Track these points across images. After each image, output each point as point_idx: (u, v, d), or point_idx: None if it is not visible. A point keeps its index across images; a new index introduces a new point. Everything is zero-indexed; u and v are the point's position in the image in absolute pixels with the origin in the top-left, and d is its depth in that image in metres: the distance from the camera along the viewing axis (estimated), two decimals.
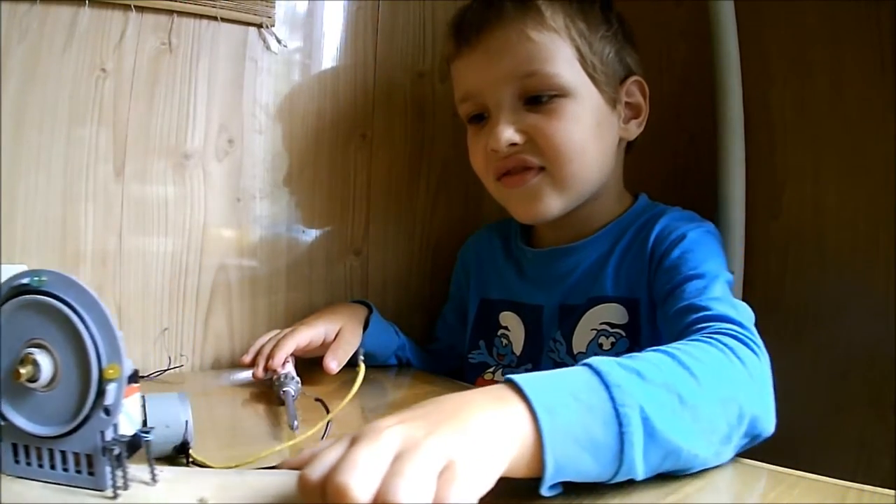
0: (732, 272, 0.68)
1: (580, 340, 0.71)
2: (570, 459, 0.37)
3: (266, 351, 0.72)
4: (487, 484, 0.33)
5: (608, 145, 0.71)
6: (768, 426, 0.48)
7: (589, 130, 0.68)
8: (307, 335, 0.74)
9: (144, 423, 0.46)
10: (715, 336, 0.50)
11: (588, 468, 0.37)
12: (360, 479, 0.29)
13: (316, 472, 0.31)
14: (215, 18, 0.81)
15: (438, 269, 0.99)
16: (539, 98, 0.67)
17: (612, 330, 0.70)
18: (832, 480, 0.43)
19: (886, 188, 0.70)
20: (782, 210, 0.80)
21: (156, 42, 0.78)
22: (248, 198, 0.86)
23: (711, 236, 0.69)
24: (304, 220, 0.90)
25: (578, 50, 0.67)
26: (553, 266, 0.77)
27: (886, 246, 0.71)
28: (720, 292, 0.59)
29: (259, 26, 0.85)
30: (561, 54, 0.67)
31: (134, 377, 0.36)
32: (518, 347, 0.78)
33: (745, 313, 0.57)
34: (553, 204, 0.70)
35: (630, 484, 0.40)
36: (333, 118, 0.91)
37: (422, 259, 1.00)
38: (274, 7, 0.85)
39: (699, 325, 0.55)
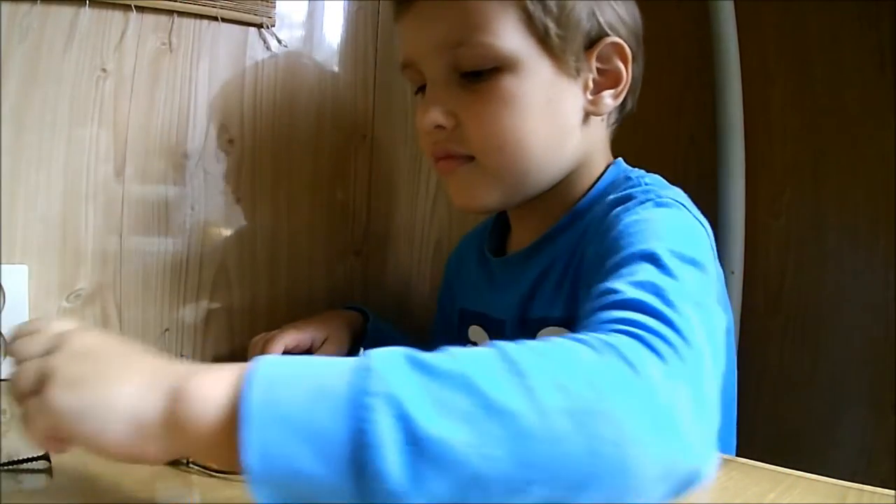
0: (733, 271, 0.67)
1: None
2: (283, 450, 0.28)
3: (255, 353, 0.72)
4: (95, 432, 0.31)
5: (564, 126, 0.59)
6: (687, 470, 0.31)
7: (532, 113, 0.57)
8: (294, 337, 0.73)
9: None
10: (604, 330, 0.35)
11: (310, 468, 0.27)
12: None
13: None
14: (215, 18, 0.81)
15: (438, 269, 0.99)
16: (479, 72, 0.56)
17: None
18: (832, 480, 0.43)
19: (886, 188, 0.70)
20: (782, 210, 0.81)
21: (156, 42, 0.78)
22: (248, 198, 0.86)
23: (665, 208, 0.51)
24: (304, 221, 0.90)
25: (525, 10, 0.55)
26: (516, 273, 0.67)
27: (886, 246, 0.71)
28: (649, 275, 0.40)
29: (259, 26, 0.85)
30: (500, 17, 0.55)
31: None
32: None
33: (688, 306, 0.37)
34: (488, 196, 0.61)
35: None
36: (333, 118, 0.91)
37: (422, 259, 1.00)
38: (274, 7, 0.85)
39: (598, 316, 0.37)
